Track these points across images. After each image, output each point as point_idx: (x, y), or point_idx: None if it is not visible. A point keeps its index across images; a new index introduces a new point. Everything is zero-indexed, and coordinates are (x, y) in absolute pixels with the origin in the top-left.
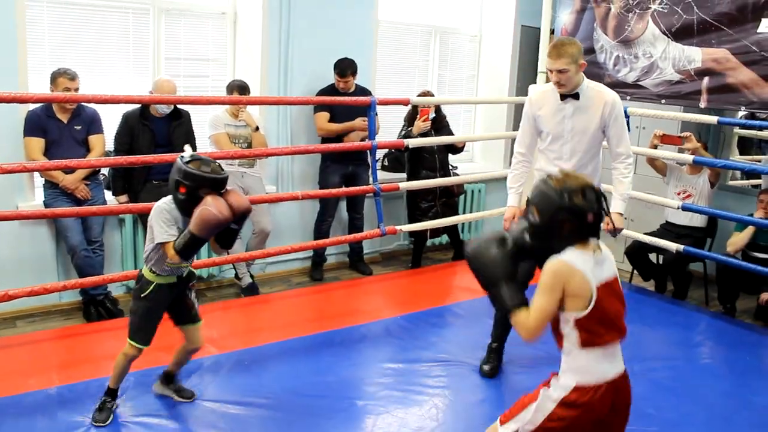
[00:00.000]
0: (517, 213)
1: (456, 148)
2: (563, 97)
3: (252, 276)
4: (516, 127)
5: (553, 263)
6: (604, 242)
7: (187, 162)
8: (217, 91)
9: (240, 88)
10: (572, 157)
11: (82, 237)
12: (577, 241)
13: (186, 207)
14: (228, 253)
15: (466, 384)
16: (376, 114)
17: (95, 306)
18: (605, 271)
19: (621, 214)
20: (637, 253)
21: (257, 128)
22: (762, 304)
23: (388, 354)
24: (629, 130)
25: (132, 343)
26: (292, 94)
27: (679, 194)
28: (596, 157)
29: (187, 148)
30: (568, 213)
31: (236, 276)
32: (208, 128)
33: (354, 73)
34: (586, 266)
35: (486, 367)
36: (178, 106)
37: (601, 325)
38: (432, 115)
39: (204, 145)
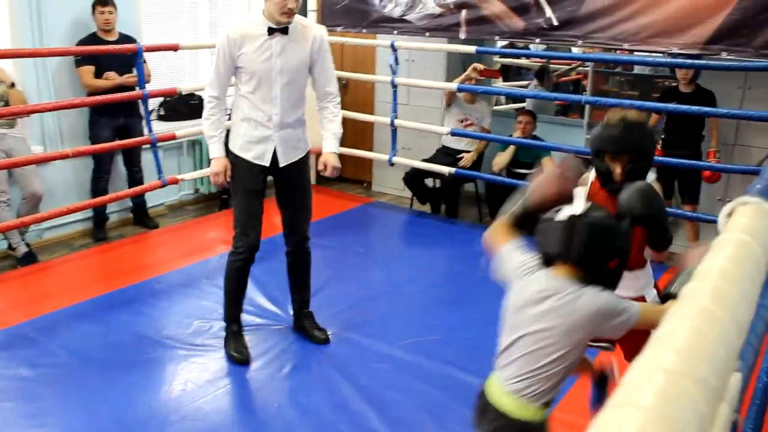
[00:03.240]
0: (228, 165)
1: None
2: (271, 31)
3: (28, 244)
4: None
5: None
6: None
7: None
8: None
9: None
10: (283, 100)
11: None
12: None
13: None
14: None
15: (262, 331)
16: (145, 62)
17: None
18: None
19: (335, 153)
20: (414, 179)
21: (13, 84)
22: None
23: (184, 305)
24: (397, 62)
25: None
26: (49, 44)
27: (462, 122)
28: (304, 100)
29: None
30: None
31: (10, 247)
32: None
33: (115, 6)
34: None
35: (242, 356)
36: None
37: None
38: None
39: None
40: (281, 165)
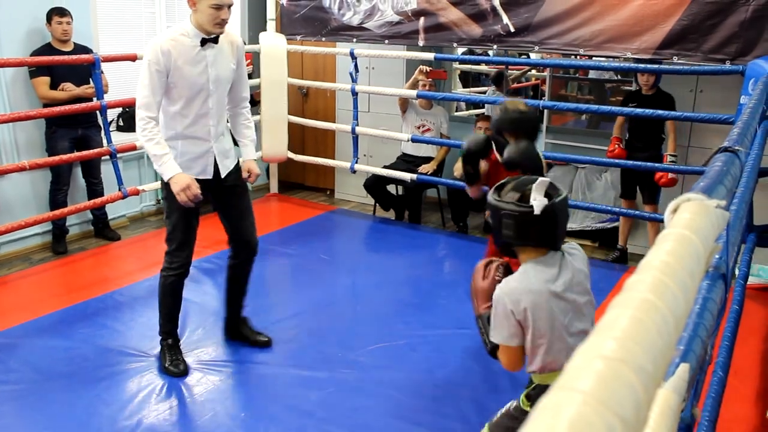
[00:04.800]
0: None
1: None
2: (203, 42)
3: None
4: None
5: None
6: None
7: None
8: None
9: None
10: (216, 110)
11: None
12: None
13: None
14: None
15: (226, 341)
16: (102, 72)
17: None
18: None
19: (255, 160)
20: (375, 185)
21: None
22: (487, 218)
23: (147, 317)
24: (357, 70)
25: None
26: (3, 55)
27: (418, 128)
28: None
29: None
30: None
31: None
32: None
33: (71, 16)
34: None
35: (178, 369)
36: None
37: None
38: None
39: None
40: (223, 176)
